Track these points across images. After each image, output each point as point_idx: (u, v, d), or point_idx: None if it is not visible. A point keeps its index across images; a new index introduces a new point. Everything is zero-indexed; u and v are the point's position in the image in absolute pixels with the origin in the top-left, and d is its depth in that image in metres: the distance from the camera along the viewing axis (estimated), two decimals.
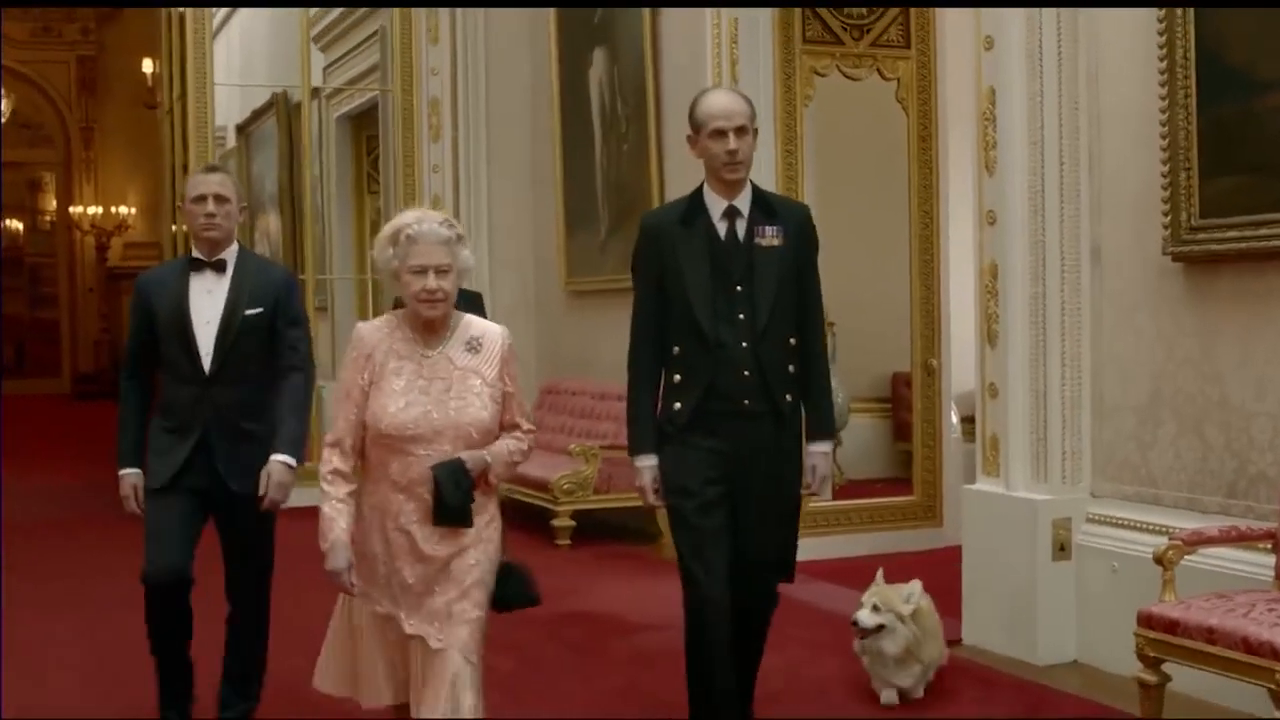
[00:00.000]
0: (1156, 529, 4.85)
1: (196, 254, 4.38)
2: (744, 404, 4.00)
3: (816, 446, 4.15)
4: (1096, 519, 5.26)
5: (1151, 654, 4.08)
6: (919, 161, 7.56)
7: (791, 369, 4.06)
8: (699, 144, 4.05)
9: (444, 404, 3.59)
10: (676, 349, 4.05)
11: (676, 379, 4.06)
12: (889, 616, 4.64)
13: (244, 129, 14.00)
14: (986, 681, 5.07)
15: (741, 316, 4.00)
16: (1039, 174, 5.32)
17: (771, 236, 4.03)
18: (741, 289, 4.00)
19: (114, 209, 23.39)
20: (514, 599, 3.75)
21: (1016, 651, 5.32)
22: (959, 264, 7.38)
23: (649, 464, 4.09)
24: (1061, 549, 5.28)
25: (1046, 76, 5.30)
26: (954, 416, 7.79)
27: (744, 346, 3.99)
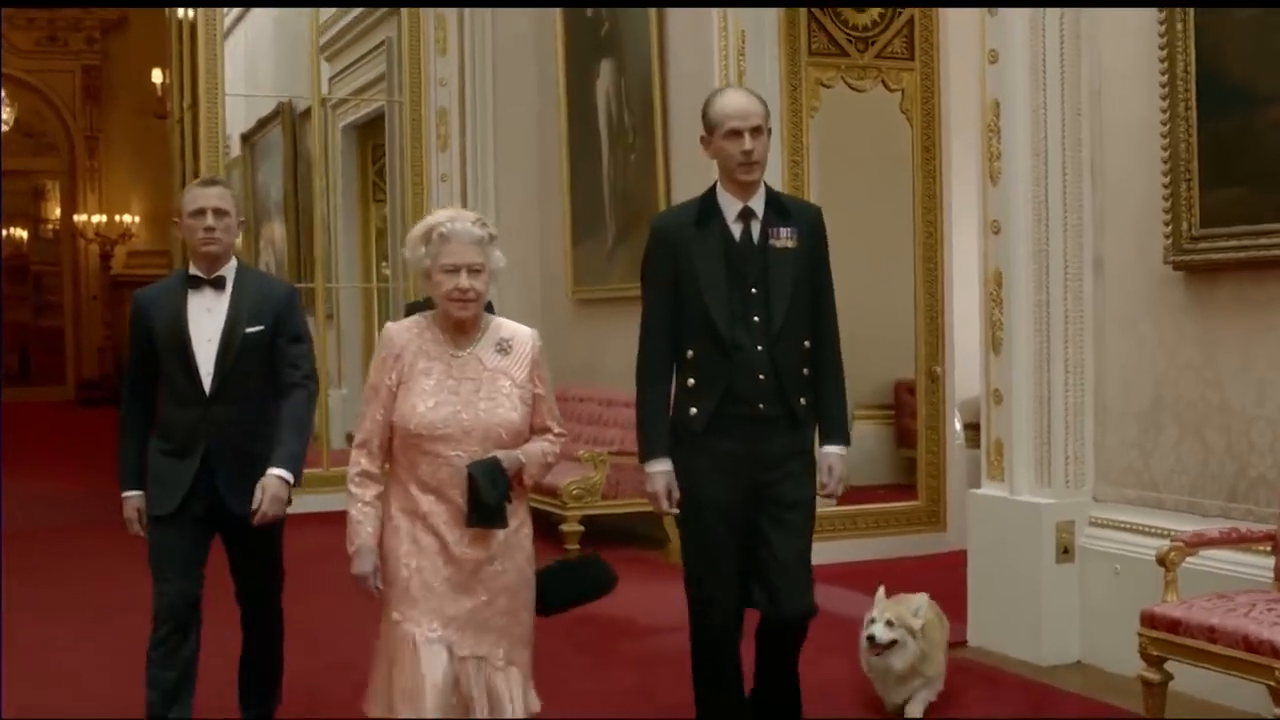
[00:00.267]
0: (1158, 532, 4.89)
1: (194, 270, 4.25)
2: (759, 408, 3.90)
3: (831, 448, 4.03)
4: (1099, 522, 5.29)
5: (1154, 653, 4.12)
6: (922, 171, 7.61)
7: (806, 372, 3.97)
8: (713, 144, 3.92)
9: (473, 404, 3.51)
10: (690, 352, 3.93)
11: (690, 383, 3.94)
12: (901, 632, 4.57)
13: (248, 138, 14.03)
14: (992, 681, 5.11)
15: (756, 319, 3.89)
16: (1042, 184, 5.36)
17: (786, 238, 3.93)
18: (757, 291, 3.90)
19: (118, 217, 23.44)
20: (591, 589, 3.83)
21: (1021, 652, 5.36)
22: (962, 272, 7.41)
23: (662, 469, 3.96)
24: (1065, 551, 5.32)
25: (1050, 90, 5.34)
26: (957, 423, 7.81)
27: (759, 350, 3.89)
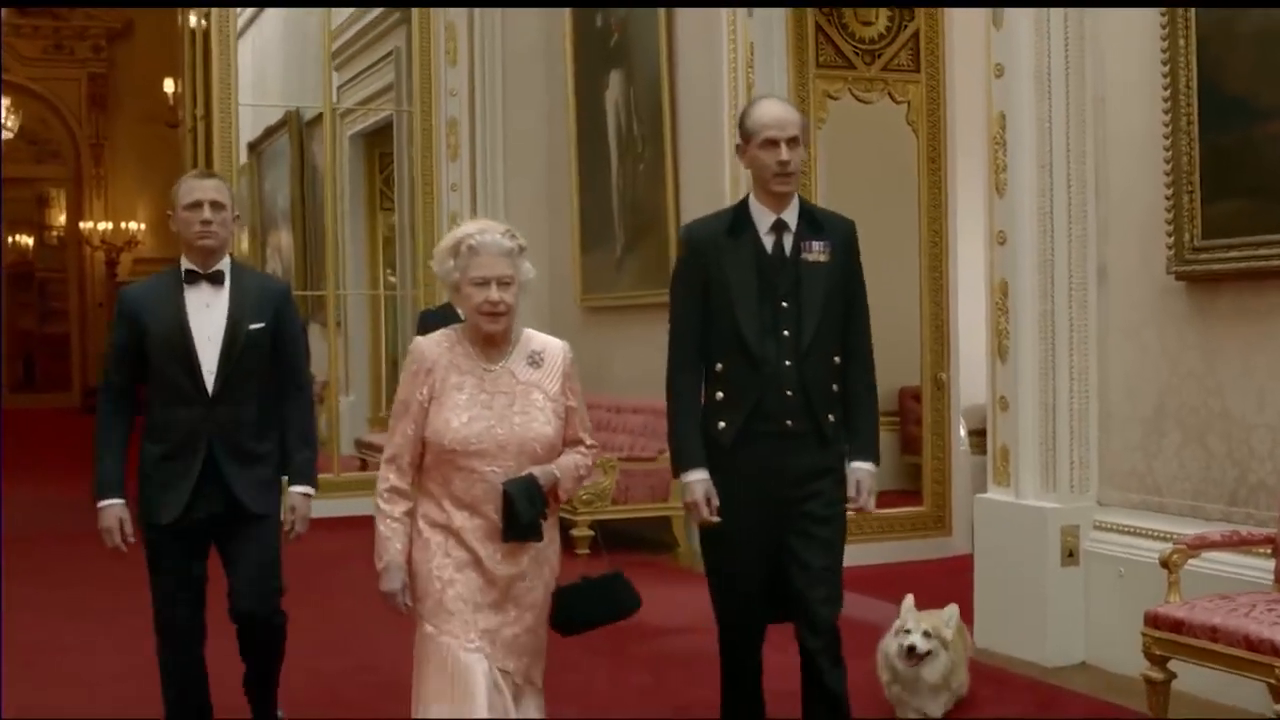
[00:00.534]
0: (1161, 535, 4.95)
1: (190, 265, 4.06)
2: (786, 424, 3.81)
3: (861, 464, 3.91)
4: (1103, 526, 5.35)
5: (1158, 652, 4.18)
6: (928, 182, 7.69)
7: (835, 388, 3.88)
8: (748, 153, 3.86)
9: (507, 419, 3.45)
10: (720, 365, 3.86)
11: (719, 396, 3.86)
12: (935, 643, 4.55)
13: (255, 146, 14.08)
14: (998, 682, 5.17)
15: (786, 333, 3.82)
16: (1048, 196, 5.43)
17: (819, 252, 3.87)
18: (787, 305, 3.83)
19: (123, 225, 23.51)
20: (611, 612, 3.71)
21: (1027, 653, 5.41)
22: (967, 281, 7.47)
23: (700, 478, 3.84)
24: (1070, 555, 5.38)
25: (1055, 103, 5.40)
26: (962, 429, 7.87)
27: (787, 365, 3.81)
